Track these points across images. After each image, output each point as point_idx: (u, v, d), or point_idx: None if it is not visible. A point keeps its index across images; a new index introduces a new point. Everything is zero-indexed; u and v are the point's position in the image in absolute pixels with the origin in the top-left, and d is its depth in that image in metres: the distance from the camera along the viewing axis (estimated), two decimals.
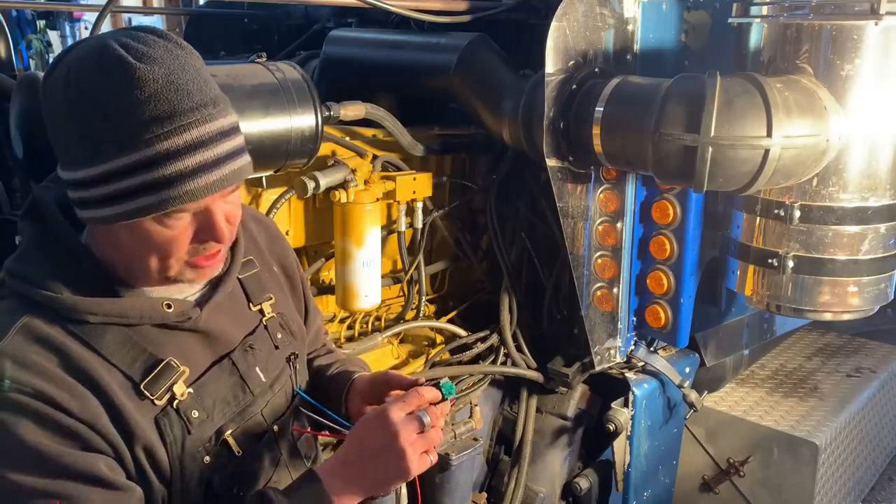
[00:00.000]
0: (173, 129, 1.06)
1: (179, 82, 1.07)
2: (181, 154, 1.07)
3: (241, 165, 1.15)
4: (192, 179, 1.08)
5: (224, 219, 1.16)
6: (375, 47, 2.68)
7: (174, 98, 1.07)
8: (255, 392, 1.33)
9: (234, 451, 1.28)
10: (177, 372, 1.21)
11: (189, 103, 1.08)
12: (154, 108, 1.05)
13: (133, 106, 1.05)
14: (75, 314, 1.15)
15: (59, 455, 1.09)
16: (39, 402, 1.09)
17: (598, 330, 2.38)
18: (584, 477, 2.61)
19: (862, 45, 1.89)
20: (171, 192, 1.07)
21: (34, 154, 1.69)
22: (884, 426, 3.22)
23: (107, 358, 1.16)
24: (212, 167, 1.10)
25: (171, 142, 1.06)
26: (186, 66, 1.10)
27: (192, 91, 1.08)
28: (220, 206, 1.16)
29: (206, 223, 1.15)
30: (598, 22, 2.14)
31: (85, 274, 1.18)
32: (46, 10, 7.84)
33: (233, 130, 1.15)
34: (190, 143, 1.08)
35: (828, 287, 2.04)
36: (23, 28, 8.09)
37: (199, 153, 1.09)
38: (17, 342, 1.12)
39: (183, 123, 1.07)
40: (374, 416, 1.24)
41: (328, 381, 1.55)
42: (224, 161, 1.12)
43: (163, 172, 1.06)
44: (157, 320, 1.21)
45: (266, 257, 1.47)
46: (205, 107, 1.10)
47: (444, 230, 2.66)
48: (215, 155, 1.10)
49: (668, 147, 1.86)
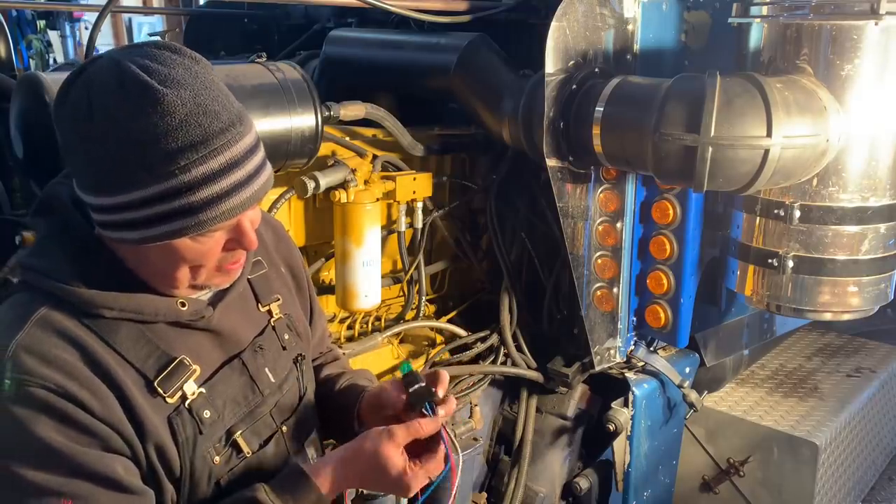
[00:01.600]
0: (207, 153, 1.07)
1: (206, 104, 1.08)
2: (216, 177, 1.09)
3: (267, 177, 1.18)
4: (228, 199, 1.10)
5: (251, 226, 1.19)
6: (375, 47, 2.68)
7: (204, 122, 1.07)
8: (264, 392, 1.34)
9: (244, 451, 1.29)
10: (189, 370, 1.22)
11: (218, 125, 1.09)
12: (186, 134, 1.06)
13: (165, 133, 1.05)
14: (92, 308, 1.15)
15: (77, 455, 1.09)
16: (62, 398, 1.09)
17: (598, 330, 2.38)
18: (584, 477, 2.60)
19: (862, 45, 1.89)
20: (208, 213, 1.09)
21: (34, 154, 1.69)
22: (884, 426, 3.22)
23: (121, 354, 1.16)
24: (244, 185, 1.12)
25: (206, 166, 1.07)
26: (208, 84, 1.10)
27: (219, 112, 1.09)
28: (248, 216, 1.18)
29: (236, 234, 1.18)
30: (598, 22, 2.14)
31: (100, 269, 1.18)
32: (46, 10, 7.83)
33: (257, 145, 1.17)
34: (224, 165, 1.09)
35: (828, 287, 2.04)
36: (23, 28, 8.08)
37: (233, 174, 1.10)
38: (36, 334, 1.12)
39: (215, 147, 1.08)
40: (379, 450, 1.26)
41: (337, 394, 1.55)
42: (254, 177, 1.14)
43: (200, 196, 1.08)
44: (172, 318, 1.21)
45: (274, 257, 1.48)
46: (233, 126, 1.11)
47: (444, 230, 2.66)
48: (247, 173, 1.12)
49: (668, 147, 1.86)
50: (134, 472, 1.16)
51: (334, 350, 1.74)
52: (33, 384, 1.08)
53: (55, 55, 8.17)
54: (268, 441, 1.34)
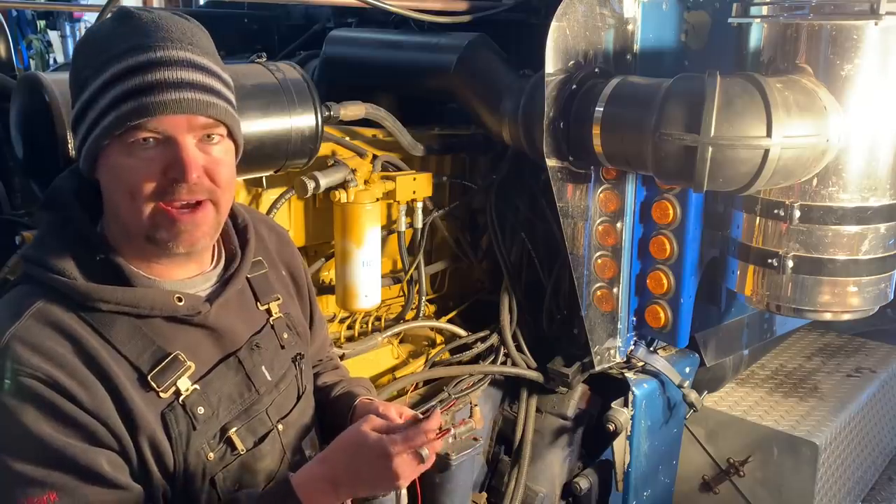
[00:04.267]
0: (142, 48, 1.12)
1: (165, 24, 1.14)
2: (143, 69, 1.11)
3: (209, 100, 1.16)
4: (151, 95, 1.11)
5: (196, 159, 1.16)
6: (375, 47, 2.68)
7: (153, 30, 1.13)
8: (260, 391, 1.34)
9: (239, 448, 1.29)
10: (183, 366, 1.22)
11: (164, 34, 1.13)
12: (131, 36, 1.12)
13: (117, 36, 1.13)
14: (88, 301, 1.16)
15: (63, 447, 1.10)
16: (50, 389, 1.10)
17: (598, 330, 2.38)
18: (584, 477, 2.60)
19: (862, 45, 1.89)
20: (129, 104, 1.11)
21: (34, 154, 1.69)
22: (884, 426, 3.22)
23: (116, 347, 1.17)
24: (173, 87, 1.12)
25: (136, 59, 1.11)
26: (182, 24, 1.17)
27: (171, 29, 1.14)
28: (190, 143, 1.16)
29: (171, 154, 1.15)
30: (598, 22, 2.14)
31: (99, 262, 1.19)
32: (46, 10, 7.83)
33: (209, 71, 1.17)
34: (153, 60, 1.12)
35: (828, 287, 2.04)
36: (23, 28, 8.08)
37: (161, 71, 1.12)
38: (31, 326, 1.13)
39: (151, 45, 1.12)
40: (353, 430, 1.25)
41: (333, 401, 1.55)
42: (189, 87, 1.13)
43: (123, 87, 1.11)
44: (168, 312, 1.21)
45: (275, 260, 1.48)
46: (180, 41, 1.14)
47: (444, 230, 2.66)
48: (178, 77, 1.12)
49: (668, 147, 1.86)
50: (120, 467, 1.16)
51: (334, 359, 1.75)
52: (23, 374, 1.09)
53: (55, 55, 8.18)
54: (263, 439, 1.34)
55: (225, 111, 1.19)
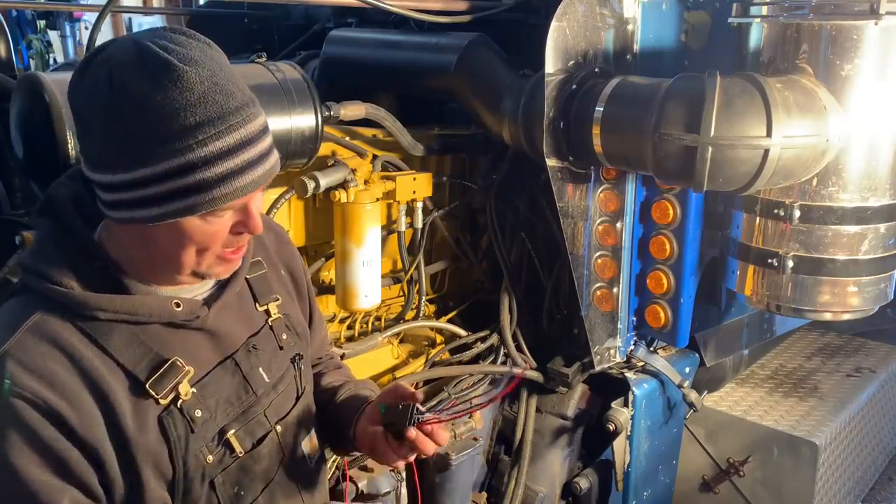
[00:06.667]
0: (223, 129, 1.09)
1: (222, 83, 1.10)
2: (231, 153, 1.10)
3: (276, 160, 1.20)
4: (241, 177, 1.11)
5: (256, 210, 1.20)
6: (375, 47, 2.68)
7: (221, 99, 1.09)
8: (258, 392, 1.33)
9: (237, 450, 1.29)
10: (182, 372, 1.21)
11: (234, 103, 1.11)
12: (203, 109, 1.07)
13: (183, 108, 1.06)
14: (86, 310, 1.15)
15: (27, 481, 1.09)
16: (35, 411, 1.09)
17: (598, 330, 2.38)
18: (584, 477, 2.60)
19: (861, 45, 1.89)
20: (222, 189, 1.10)
21: (34, 154, 1.69)
22: (884, 426, 3.22)
23: (114, 357, 1.16)
24: (256, 164, 1.14)
25: (222, 142, 1.09)
26: (223, 65, 1.13)
27: (233, 92, 1.11)
28: (255, 200, 1.19)
29: (244, 216, 1.18)
30: (598, 22, 2.14)
31: (97, 271, 1.18)
32: (46, 10, 7.84)
33: (267, 128, 1.19)
34: (239, 141, 1.11)
35: (828, 287, 2.04)
36: (23, 28, 8.09)
37: (246, 151, 1.12)
38: (26, 342, 1.12)
39: (231, 123, 1.10)
40: None
41: (337, 407, 1.55)
42: (265, 157, 1.16)
43: (215, 171, 1.09)
44: (166, 319, 1.21)
45: (274, 260, 1.48)
46: (247, 106, 1.13)
47: (444, 230, 2.66)
48: (259, 152, 1.14)
49: (668, 147, 1.86)
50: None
51: (335, 357, 1.74)
52: (12, 393, 1.08)
53: (55, 55, 8.19)
54: (261, 440, 1.34)
55: (279, 160, 1.23)
